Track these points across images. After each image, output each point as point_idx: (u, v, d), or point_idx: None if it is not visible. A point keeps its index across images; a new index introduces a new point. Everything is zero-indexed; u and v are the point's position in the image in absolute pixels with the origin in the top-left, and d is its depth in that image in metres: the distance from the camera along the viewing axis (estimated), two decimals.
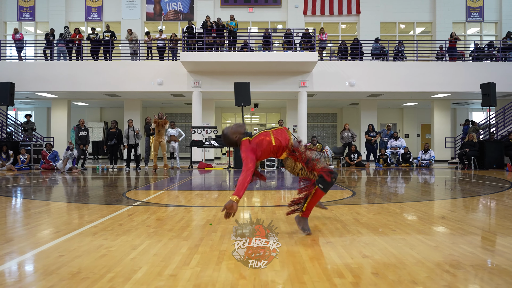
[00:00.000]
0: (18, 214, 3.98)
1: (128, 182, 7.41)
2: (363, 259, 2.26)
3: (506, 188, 6.18)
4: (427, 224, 3.32)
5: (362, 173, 10.08)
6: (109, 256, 2.29)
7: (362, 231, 2.99)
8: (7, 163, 10.78)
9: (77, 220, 3.49)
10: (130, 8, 17.06)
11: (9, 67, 14.22)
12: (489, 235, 2.97)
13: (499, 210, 4.24)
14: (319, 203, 3.43)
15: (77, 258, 2.26)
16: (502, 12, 17.12)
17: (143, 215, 3.68)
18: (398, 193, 5.92)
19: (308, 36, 13.60)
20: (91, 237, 2.78)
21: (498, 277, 1.96)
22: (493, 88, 11.56)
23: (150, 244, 2.59)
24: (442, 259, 2.27)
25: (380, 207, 4.25)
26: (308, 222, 2.95)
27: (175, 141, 11.30)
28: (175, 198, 5.17)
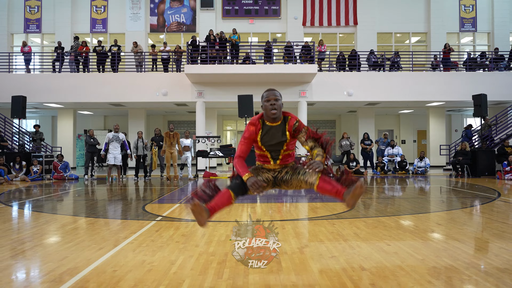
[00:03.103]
0: (58, 230, 4.46)
1: (144, 194, 7.89)
2: (362, 271, 2.77)
3: (493, 199, 6.71)
4: (417, 238, 3.83)
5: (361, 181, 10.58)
6: (155, 270, 2.79)
7: (361, 245, 3.50)
8: (20, 174, 11.24)
9: (113, 236, 3.98)
10: (134, 20, 17.58)
11: (17, 78, 14.71)
12: (467, 248, 3.48)
13: (483, 223, 4.76)
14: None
15: (129, 272, 2.76)
16: (494, 23, 17.74)
17: (168, 230, 4.17)
18: (394, 206, 6.44)
19: (308, 48, 14.15)
20: (132, 253, 3.28)
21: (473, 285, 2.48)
22: (484, 99, 12.13)
23: (185, 259, 3.09)
24: (426, 271, 2.78)
25: (376, 221, 4.76)
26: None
27: (188, 151, 11.50)
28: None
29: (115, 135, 9.86)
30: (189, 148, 11.51)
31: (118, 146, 9.86)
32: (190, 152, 11.60)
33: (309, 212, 5.68)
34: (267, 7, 17.67)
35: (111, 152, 9.80)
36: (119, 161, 9.97)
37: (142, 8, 17.55)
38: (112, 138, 9.81)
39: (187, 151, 11.48)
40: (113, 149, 9.79)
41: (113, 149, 9.79)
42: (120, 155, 9.96)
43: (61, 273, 2.76)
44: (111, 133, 9.90)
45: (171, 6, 17.71)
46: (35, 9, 17.57)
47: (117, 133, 9.94)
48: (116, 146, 9.82)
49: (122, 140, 10.00)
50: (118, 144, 9.88)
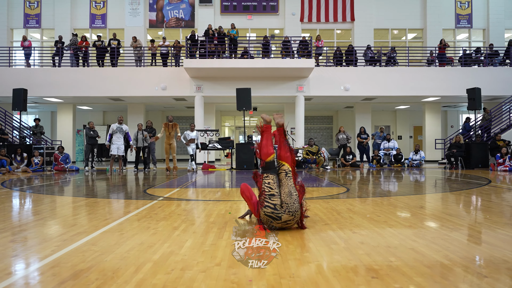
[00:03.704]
0: (64, 207, 4.64)
1: (145, 182, 8.08)
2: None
3: (484, 184, 6.93)
4: (415, 219, 4.04)
5: (356, 172, 10.81)
6: (159, 234, 2.98)
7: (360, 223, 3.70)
8: (21, 165, 11.40)
9: (117, 211, 4.17)
10: (133, 15, 17.73)
11: (17, 73, 14.85)
12: (456, 226, 3.69)
13: (472, 204, 4.97)
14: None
15: (135, 235, 2.94)
16: (490, 19, 17.99)
17: (170, 207, 4.37)
18: (387, 189, 6.65)
19: (305, 43, 14.35)
20: (137, 222, 3.47)
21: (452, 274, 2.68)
22: (478, 93, 12.36)
23: (187, 226, 3.28)
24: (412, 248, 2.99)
25: (372, 200, 4.96)
26: None
27: (193, 143, 11.52)
28: (192, 194, 5.86)
29: (119, 126, 10.06)
30: (195, 141, 11.49)
31: (121, 137, 10.06)
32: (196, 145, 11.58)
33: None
34: (265, 3, 17.86)
35: (115, 143, 9.99)
36: (122, 152, 10.16)
37: (141, 3, 17.70)
38: (116, 129, 10.00)
39: (193, 143, 11.47)
40: (116, 140, 9.98)
41: (116, 139, 9.98)
42: (123, 146, 10.16)
43: (72, 235, 2.94)
44: (115, 124, 10.10)
45: (170, 2, 17.87)
46: (35, 4, 17.69)
47: (120, 125, 10.13)
48: (119, 137, 10.02)
49: (125, 131, 10.20)
50: (121, 135, 10.07)
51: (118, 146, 10.03)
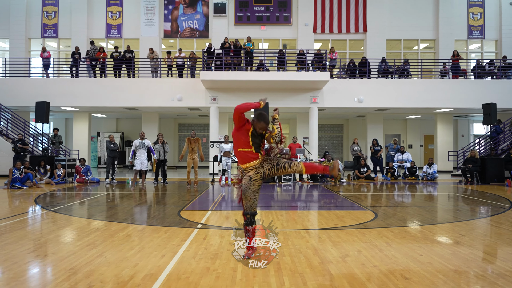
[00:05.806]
0: (114, 236, 4.84)
1: (172, 200, 8.29)
2: (404, 280, 3.15)
3: (507, 209, 7.08)
4: (444, 248, 4.21)
5: (373, 187, 10.97)
6: (222, 278, 3.17)
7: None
8: (45, 177, 11.65)
9: (167, 244, 4.36)
10: (148, 26, 17.99)
11: (36, 83, 15.15)
12: (491, 258, 3.86)
13: (501, 235, 5.14)
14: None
15: (201, 279, 3.14)
16: (502, 30, 18.09)
17: (214, 238, 4.56)
18: (414, 214, 6.82)
19: (320, 56, 14.53)
20: (193, 260, 3.66)
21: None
22: (494, 108, 12.49)
23: (243, 267, 3.46)
24: (460, 279, 3.16)
25: (403, 231, 5.14)
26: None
27: (228, 157, 11.25)
28: (226, 220, 6.04)
29: (141, 142, 10.27)
30: (230, 154, 11.14)
31: (144, 153, 10.27)
32: (230, 158, 11.24)
33: (336, 221, 6.05)
34: (278, 14, 18.06)
35: (138, 159, 10.20)
36: (145, 167, 10.38)
37: (156, 14, 17.96)
38: (138, 145, 10.21)
39: (228, 157, 11.15)
40: (139, 156, 10.19)
41: (139, 155, 10.19)
42: (146, 161, 10.37)
43: (143, 278, 3.15)
44: (137, 141, 10.30)
45: (184, 13, 18.12)
46: (52, 14, 17.99)
47: (142, 140, 10.34)
48: (143, 152, 10.23)
49: (148, 146, 10.41)
50: (144, 150, 10.28)
51: (141, 162, 10.25)
